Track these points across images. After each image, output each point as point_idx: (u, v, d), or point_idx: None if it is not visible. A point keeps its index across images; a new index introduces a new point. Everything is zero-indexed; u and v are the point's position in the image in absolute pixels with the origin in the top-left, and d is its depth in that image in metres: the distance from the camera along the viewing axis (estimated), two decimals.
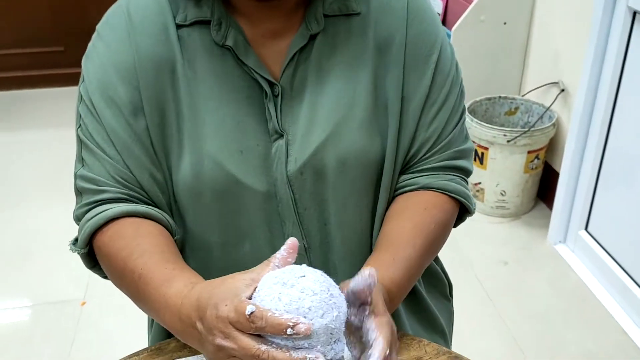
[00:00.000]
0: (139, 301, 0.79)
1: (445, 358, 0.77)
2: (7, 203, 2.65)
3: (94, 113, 0.82)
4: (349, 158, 0.83)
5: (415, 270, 0.83)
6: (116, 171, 0.82)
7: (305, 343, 0.59)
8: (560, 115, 2.38)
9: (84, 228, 0.83)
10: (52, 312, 2.05)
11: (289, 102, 0.83)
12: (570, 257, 2.26)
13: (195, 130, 0.81)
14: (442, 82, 0.86)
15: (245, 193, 0.82)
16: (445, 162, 0.89)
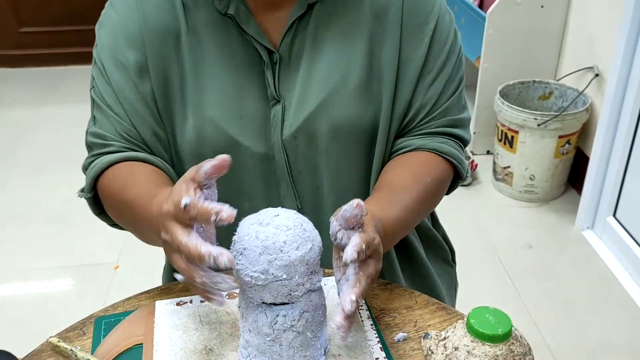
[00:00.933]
0: (136, 229, 0.83)
1: (434, 308, 0.80)
2: (53, 170, 2.78)
3: (104, 74, 0.88)
4: (341, 125, 0.87)
5: (410, 216, 0.84)
6: (123, 128, 0.88)
7: (284, 274, 0.63)
8: (594, 100, 2.35)
9: (89, 173, 0.88)
10: (87, 274, 2.15)
11: (286, 70, 0.87)
12: (597, 243, 2.24)
13: (198, 96, 0.86)
14: (439, 50, 0.88)
15: (245, 155, 0.87)
16: (441, 128, 0.91)
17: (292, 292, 0.65)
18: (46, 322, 1.94)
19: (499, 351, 0.50)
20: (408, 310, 0.80)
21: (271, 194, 0.89)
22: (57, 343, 0.75)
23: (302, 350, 0.68)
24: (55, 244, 2.31)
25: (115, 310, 0.82)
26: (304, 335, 0.67)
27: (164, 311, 0.80)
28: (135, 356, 0.74)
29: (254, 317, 0.67)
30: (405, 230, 0.88)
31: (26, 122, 3.23)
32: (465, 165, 0.94)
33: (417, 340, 0.75)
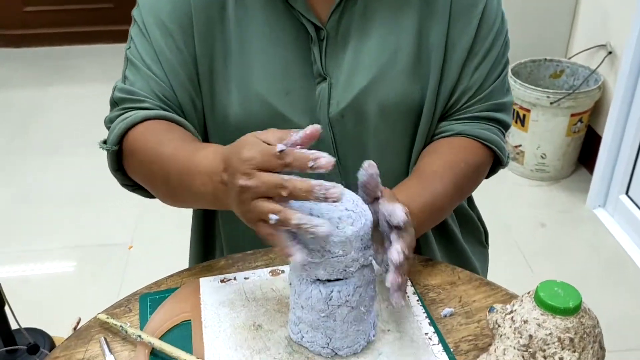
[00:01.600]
0: (168, 181, 0.78)
1: (477, 284, 0.81)
2: (64, 152, 2.77)
3: (145, 34, 0.86)
4: (389, 103, 0.86)
5: (441, 202, 0.84)
6: (160, 89, 0.85)
7: (340, 250, 0.63)
8: (606, 78, 2.35)
9: (118, 125, 0.84)
10: (102, 254, 2.16)
11: (333, 47, 0.86)
12: (609, 221, 2.25)
13: (243, 70, 0.86)
14: (487, 32, 0.88)
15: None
16: (484, 112, 0.91)
17: (347, 267, 0.65)
18: (65, 301, 1.95)
19: (569, 324, 0.50)
20: (452, 286, 0.81)
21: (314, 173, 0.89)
22: (106, 319, 0.75)
23: (355, 324, 0.68)
24: (69, 224, 2.31)
25: (159, 287, 0.83)
26: (357, 310, 0.68)
27: (209, 288, 0.80)
28: (184, 332, 0.74)
29: (307, 293, 0.67)
30: (437, 216, 0.87)
31: (35, 103, 3.21)
32: (506, 150, 0.94)
33: (463, 315, 0.76)
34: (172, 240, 2.20)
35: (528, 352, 0.51)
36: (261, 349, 0.71)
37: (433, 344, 0.71)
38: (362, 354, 0.70)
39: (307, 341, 0.70)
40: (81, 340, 0.74)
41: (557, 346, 0.50)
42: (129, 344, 0.73)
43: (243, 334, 0.73)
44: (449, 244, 1.00)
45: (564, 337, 0.50)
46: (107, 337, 0.74)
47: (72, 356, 0.72)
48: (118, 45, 3.82)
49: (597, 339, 0.52)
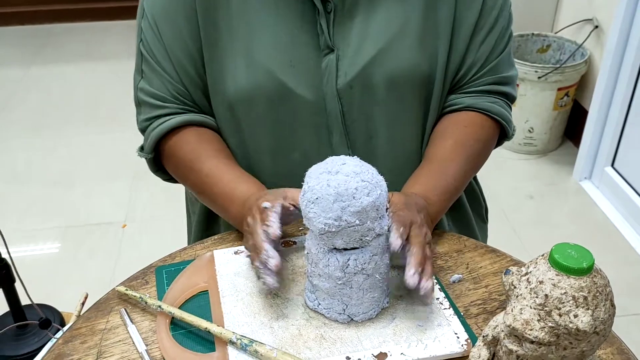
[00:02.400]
0: (202, 194, 0.91)
1: (483, 251, 0.84)
2: (51, 131, 2.75)
3: (154, 30, 0.88)
4: (397, 74, 0.88)
5: (455, 183, 0.88)
6: (174, 88, 0.91)
7: (356, 220, 0.65)
8: (592, 52, 2.38)
9: (150, 136, 0.92)
10: (96, 233, 2.16)
11: (341, 19, 0.87)
12: (594, 192, 2.30)
13: (248, 42, 0.87)
14: (492, 6, 0.89)
15: (296, 103, 0.88)
16: (491, 86, 0.93)
17: (364, 237, 0.67)
18: (63, 279, 1.96)
19: (583, 283, 0.53)
20: (458, 253, 0.83)
21: (321, 143, 0.91)
22: (125, 291, 0.77)
23: (371, 292, 0.71)
24: (60, 204, 2.31)
25: (173, 260, 0.84)
26: (372, 278, 0.70)
27: (223, 259, 0.82)
28: (202, 302, 0.76)
29: (325, 262, 0.69)
30: (455, 196, 0.90)
31: (18, 82, 3.17)
32: (513, 125, 0.97)
33: (471, 281, 0.79)
34: (165, 217, 2.22)
35: (544, 310, 0.54)
36: (279, 316, 0.73)
37: (444, 308, 0.74)
38: (376, 319, 0.72)
39: (323, 308, 0.73)
40: (101, 312, 0.76)
41: (571, 304, 0.53)
42: (148, 314, 0.75)
43: (260, 302, 0.75)
44: (457, 215, 1.03)
45: (578, 296, 0.53)
46: (126, 308, 0.76)
47: (94, 327, 0.74)
48: (100, 23, 3.79)
49: (608, 297, 0.55)
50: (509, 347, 0.58)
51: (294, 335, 0.70)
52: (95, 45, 3.53)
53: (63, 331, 0.75)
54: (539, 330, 0.55)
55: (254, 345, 0.67)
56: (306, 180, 0.69)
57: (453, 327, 0.71)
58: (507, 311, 0.57)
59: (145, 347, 0.70)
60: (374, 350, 0.68)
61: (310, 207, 0.67)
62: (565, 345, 0.55)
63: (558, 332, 0.54)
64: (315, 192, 0.66)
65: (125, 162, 2.42)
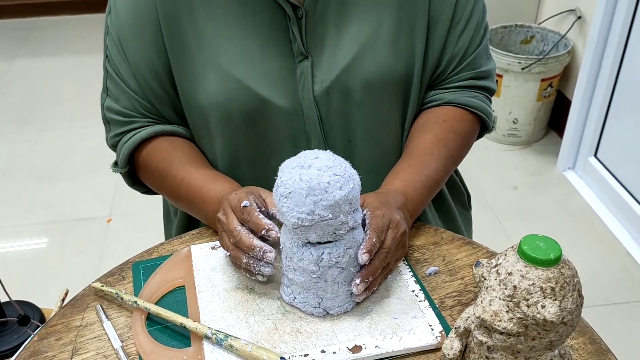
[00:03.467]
0: (179, 200, 0.91)
1: (459, 243, 0.84)
2: (34, 125, 2.73)
3: (119, 48, 0.87)
4: (374, 78, 0.88)
5: (436, 177, 0.88)
6: (141, 105, 0.90)
7: (329, 214, 0.65)
8: (575, 43, 2.39)
9: (122, 151, 0.92)
10: (80, 228, 2.16)
11: (313, 25, 0.86)
12: (578, 182, 2.32)
13: (219, 55, 0.85)
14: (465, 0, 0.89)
15: (272, 111, 0.88)
16: (470, 81, 0.94)
17: (337, 230, 0.68)
18: (46, 275, 1.95)
19: (551, 274, 0.54)
20: (435, 246, 0.84)
21: (299, 149, 0.90)
22: (100, 287, 0.77)
23: (346, 285, 0.71)
24: (44, 199, 2.30)
25: (150, 255, 0.84)
26: (347, 271, 0.71)
27: (200, 255, 0.82)
28: (179, 297, 0.76)
29: (299, 256, 0.70)
30: (435, 190, 0.90)
31: (0, 76, 3.14)
32: (492, 117, 0.97)
33: (447, 273, 0.79)
34: (150, 211, 2.21)
35: (513, 301, 0.54)
36: (255, 311, 0.73)
37: (420, 300, 0.74)
38: (352, 312, 0.73)
39: (299, 302, 0.73)
40: (77, 309, 0.76)
41: (539, 295, 0.53)
42: (124, 310, 0.75)
43: (237, 297, 0.75)
44: (439, 205, 1.03)
45: (546, 287, 0.53)
46: (102, 304, 0.76)
47: (69, 323, 0.74)
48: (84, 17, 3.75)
49: (576, 288, 0.55)
50: (479, 338, 0.59)
51: (269, 329, 0.71)
52: (79, 39, 3.50)
53: (41, 327, 0.75)
54: (508, 321, 0.55)
55: (229, 340, 0.67)
56: (279, 175, 0.69)
57: (428, 319, 0.71)
58: (477, 303, 0.57)
59: (120, 344, 0.70)
60: (349, 343, 0.69)
61: (283, 201, 0.67)
62: (534, 336, 0.56)
63: (526, 323, 0.55)
64: (287, 187, 0.67)
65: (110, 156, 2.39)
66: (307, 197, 0.65)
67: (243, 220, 0.73)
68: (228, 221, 0.74)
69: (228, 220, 0.74)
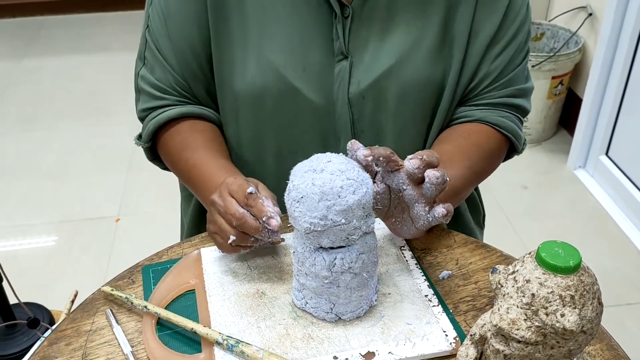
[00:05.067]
0: (188, 184, 0.92)
1: (473, 246, 0.83)
2: (43, 125, 2.74)
3: (162, 19, 0.88)
4: (410, 87, 0.86)
5: (455, 184, 0.83)
6: (175, 80, 0.91)
7: (342, 219, 0.64)
8: (586, 40, 2.37)
9: (147, 126, 0.93)
10: (89, 228, 2.15)
11: (357, 26, 0.85)
12: (589, 181, 2.30)
13: (261, 40, 0.85)
14: (513, 19, 0.87)
15: (304, 106, 0.87)
16: (504, 99, 0.91)
17: (350, 235, 0.67)
18: (55, 276, 1.95)
19: (570, 282, 0.52)
20: (448, 249, 0.83)
21: (328, 149, 0.89)
22: (110, 292, 0.76)
23: (358, 290, 0.70)
24: (52, 198, 2.30)
25: (160, 258, 0.83)
26: (360, 276, 0.69)
27: (210, 258, 0.81)
28: (189, 301, 0.76)
29: (311, 261, 0.69)
30: (452, 198, 0.83)
31: (9, 75, 3.15)
32: (522, 138, 0.94)
33: (460, 277, 0.78)
34: (158, 211, 2.21)
35: (531, 310, 0.53)
36: (266, 316, 0.72)
37: (433, 305, 0.73)
38: (364, 317, 0.72)
39: (311, 307, 0.72)
40: (87, 313, 0.75)
41: (558, 303, 0.52)
42: (134, 314, 0.74)
43: (247, 302, 0.74)
44: (455, 224, 1.01)
45: (565, 295, 0.52)
46: (112, 308, 0.75)
47: (79, 328, 0.73)
48: (93, 15, 3.76)
49: (595, 295, 0.54)
50: (496, 347, 0.57)
51: (281, 334, 0.70)
52: (87, 38, 3.51)
53: (51, 331, 0.74)
54: (526, 329, 0.54)
55: (241, 346, 0.67)
56: (291, 179, 0.68)
57: (441, 325, 0.70)
58: (493, 310, 0.56)
59: (130, 349, 0.69)
60: (361, 349, 0.68)
61: (296, 206, 0.66)
62: (553, 345, 0.54)
63: (545, 332, 0.53)
64: (300, 191, 0.65)
65: (119, 155, 2.41)
66: (319, 201, 0.64)
67: (247, 205, 0.72)
68: (227, 204, 0.73)
69: (227, 204, 0.73)
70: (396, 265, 0.79)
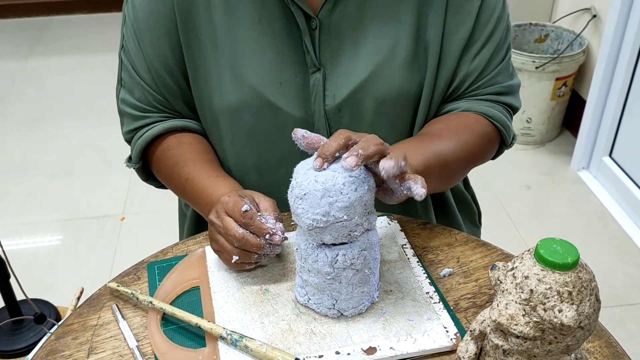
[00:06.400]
0: (184, 198, 0.93)
1: (474, 245, 0.84)
2: (48, 124, 2.75)
3: (134, 39, 0.88)
4: (387, 98, 0.86)
5: (445, 157, 0.82)
6: (154, 98, 0.91)
7: (344, 215, 0.65)
8: (590, 42, 2.37)
9: (134, 147, 0.94)
10: (94, 226, 2.17)
11: (327, 37, 0.84)
12: (592, 183, 2.30)
13: (234, 59, 0.85)
14: (487, 19, 0.87)
15: (283, 119, 0.87)
16: (490, 96, 0.91)
17: (352, 232, 0.68)
18: (60, 273, 1.96)
19: (568, 278, 0.53)
20: (449, 247, 0.84)
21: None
22: (116, 287, 0.77)
23: (360, 286, 0.71)
24: (58, 197, 2.31)
25: (165, 255, 0.85)
26: (362, 273, 0.70)
27: (215, 255, 0.82)
28: (194, 297, 0.77)
29: (314, 257, 0.70)
30: (441, 167, 0.83)
31: (14, 75, 3.17)
32: (511, 131, 0.94)
33: (461, 275, 0.79)
34: (163, 209, 2.22)
35: (529, 305, 0.54)
36: (269, 312, 0.73)
37: (434, 302, 0.74)
38: (366, 313, 0.73)
39: (313, 303, 0.73)
40: (93, 308, 0.76)
41: (556, 299, 0.53)
42: (140, 310, 0.76)
43: (251, 298, 0.75)
44: (445, 220, 1.02)
45: (563, 291, 0.53)
46: (118, 304, 0.76)
47: (85, 323, 0.74)
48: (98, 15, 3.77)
49: (593, 292, 0.55)
50: (495, 342, 0.58)
51: (284, 330, 0.71)
52: (92, 37, 3.52)
53: (57, 326, 0.76)
54: (524, 325, 0.55)
55: (244, 340, 0.68)
56: (294, 176, 0.69)
57: (442, 321, 0.71)
58: (492, 306, 0.57)
59: (136, 343, 0.70)
60: (363, 344, 0.69)
61: (298, 203, 0.67)
62: (551, 340, 0.55)
63: (543, 327, 0.54)
64: (303, 188, 0.67)
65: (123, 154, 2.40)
66: (322, 198, 0.65)
67: (245, 224, 0.72)
68: (227, 225, 0.73)
69: (226, 224, 0.73)
70: (398, 263, 0.80)
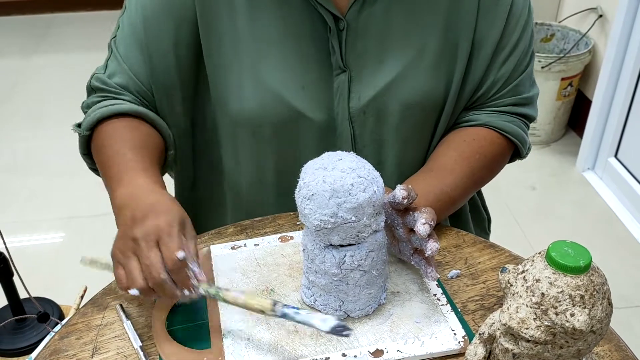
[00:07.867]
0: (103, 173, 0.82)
1: (481, 246, 0.83)
2: (52, 122, 2.75)
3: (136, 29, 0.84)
4: (412, 101, 0.85)
5: (451, 192, 0.83)
6: (137, 89, 0.86)
7: (352, 216, 0.65)
8: (596, 42, 2.36)
9: (93, 113, 0.85)
10: (97, 224, 2.16)
11: (353, 38, 0.83)
12: (598, 183, 2.29)
13: (256, 63, 0.83)
14: (515, 25, 0.86)
15: (305, 125, 0.86)
16: (511, 107, 0.90)
17: (360, 233, 0.67)
18: (63, 271, 1.96)
19: (580, 282, 0.52)
20: (457, 248, 0.83)
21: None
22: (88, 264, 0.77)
23: (367, 288, 0.70)
24: (61, 195, 2.31)
25: None
26: (369, 274, 0.70)
27: (220, 255, 0.82)
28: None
29: (321, 258, 0.69)
30: (450, 207, 0.86)
31: (18, 72, 3.17)
32: (527, 143, 0.94)
33: (469, 276, 0.78)
34: None
35: (540, 309, 0.53)
36: None
37: (442, 304, 0.73)
38: (373, 315, 0.72)
39: (319, 304, 0.72)
40: (97, 307, 0.76)
41: (568, 303, 0.52)
42: (144, 310, 0.75)
43: None
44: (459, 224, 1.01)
45: (575, 295, 0.52)
46: (122, 303, 0.76)
47: (90, 322, 0.74)
48: (102, 13, 3.77)
49: (605, 296, 0.54)
50: (505, 346, 0.58)
51: (290, 331, 0.70)
52: (97, 35, 3.51)
53: (61, 325, 0.75)
54: (535, 329, 0.54)
55: (221, 294, 0.67)
56: (302, 176, 0.68)
57: (450, 324, 0.70)
58: (503, 309, 0.56)
59: (140, 343, 0.70)
60: (370, 347, 0.68)
61: (306, 203, 0.66)
62: (562, 344, 0.55)
63: (554, 331, 0.54)
64: (310, 188, 0.66)
65: None
66: (330, 199, 0.65)
67: (171, 270, 0.64)
68: (152, 261, 0.64)
69: (152, 260, 0.64)
70: (405, 264, 0.79)
